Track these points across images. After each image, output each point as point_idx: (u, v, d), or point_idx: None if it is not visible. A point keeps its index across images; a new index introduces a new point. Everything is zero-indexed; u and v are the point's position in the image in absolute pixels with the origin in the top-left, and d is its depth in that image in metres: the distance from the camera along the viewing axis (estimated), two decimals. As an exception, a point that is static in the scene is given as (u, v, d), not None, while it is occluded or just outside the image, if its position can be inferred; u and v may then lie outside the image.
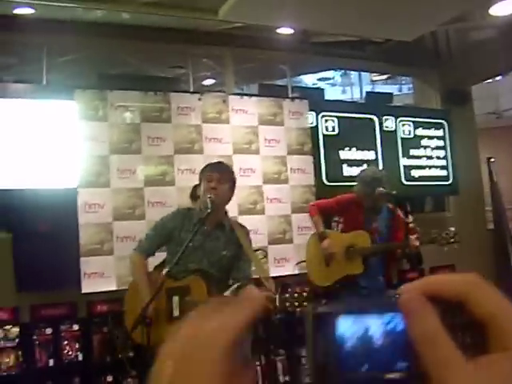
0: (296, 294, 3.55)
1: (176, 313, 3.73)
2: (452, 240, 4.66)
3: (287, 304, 3.52)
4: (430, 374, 0.51)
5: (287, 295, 3.54)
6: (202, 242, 3.78)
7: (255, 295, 0.58)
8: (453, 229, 4.72)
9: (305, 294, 3.57)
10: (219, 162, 4.07)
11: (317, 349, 0.53)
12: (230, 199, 3.93)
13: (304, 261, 5.36)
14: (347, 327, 0.53)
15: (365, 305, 0.55)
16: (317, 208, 5.09)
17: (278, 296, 3.53)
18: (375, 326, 0.53)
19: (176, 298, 3.73)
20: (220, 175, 3.80)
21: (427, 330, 0.51)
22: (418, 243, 4.69)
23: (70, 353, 5.07)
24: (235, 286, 3.86)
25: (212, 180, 3.78)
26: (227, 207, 3.98)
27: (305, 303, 3.52)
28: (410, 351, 0.51)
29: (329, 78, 14.49)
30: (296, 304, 3.53)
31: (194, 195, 4.71)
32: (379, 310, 0.53)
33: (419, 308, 0.52)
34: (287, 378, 5.77)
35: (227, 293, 3.90)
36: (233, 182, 3.92)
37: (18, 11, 5.66)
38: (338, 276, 4.89)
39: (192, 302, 3.71)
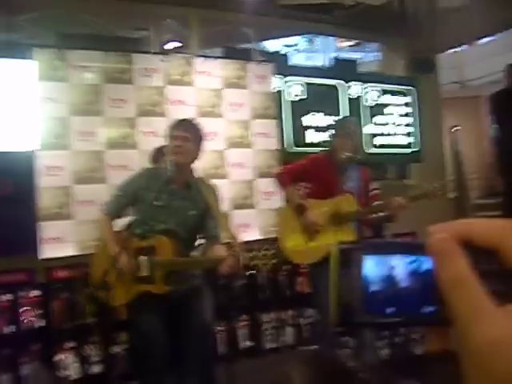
0: (263, 252, 3.51)
1: (144, 273, 3.67)
2: (440, 192, 4.42)
3: (254, 262, 3.49)
4: (456, 320, 0.47)
5: (253, 253, 3.51)
6: (168, 201, 3.73)
7: None
8: (441, 182, 4.58)
9: (272, 251, 3.53)
10: (185, 120, 3.99)
11: (342, 287, 0.51)
12: (196, 157, 3.85)
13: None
14: (372, 267, 0.51)
15: (390, 245, 0.52)
16: (288, 176, 4.59)
17: (244, 255, 3.49)
18: (400, 266, 0.50)
19: (144, 258, 3.67)
20: (185, 134, 3.73)
21: (456, 273, 0.48)
22: (404, 202, 4.32)
23: (30, 319, 4.97)
24: (203, 245, 3.83)
25: (177, 139, 3.72)
26: (195, 166, 3.92)
27: (272, 261, 3.48)
28: (438, 295, 0.48)
29: (294, 45, 14.35)
30: (264, 262, 3.50)
31: (155, 158, 4.62)
32: (404, 250, 0.51)
33: (449, 250, 0.48)
34: (249, 344, 5.77)
35: (194, 253, 3.87)
36: (199, 139, 3.85)
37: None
38: (325, 250, 4.26)
39: (158, 263, 3.66)
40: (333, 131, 4.75)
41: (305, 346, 5.78)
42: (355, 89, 7.28)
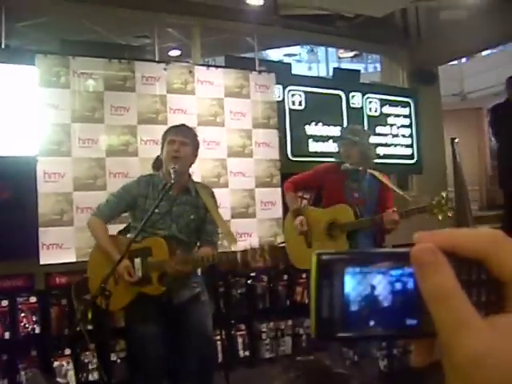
0: (258, 249, 3.55)
1: (139, 274, 3.67)
2: (444, 208, 4.20)
3: (249, 258, 3.52)
4: (439, 332, 0.45)
5: (249, 248, 3.55)
6: (168, 207, 3.72)
7: None
8: (444, 194, 4.28)
9: (266, 247, 3.56)
10: (181, 125, 4.00)
11: (321, 299, 0.48)
12: (193, 162, 3.89)
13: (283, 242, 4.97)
14: (353, 285, 0.48)
15: (372, 258, 0.49)
16: (292, 184, 4.77)
17: (239, 253, 3.54)
18: (381, 285, 0.48)
19: (138, 260, 3.67)
20: (182, 138, 3.75)
21: (441, 284, 0.46)
22: (396, 217, 4.28)
23: (27, 325, 4.95)
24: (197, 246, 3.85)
25: (175, 143, 3.73)
26: (191, 171, 3.94)
27: (267, 257, 3.52)
28: (421, 308, 0.46)
29: (295, 55, 14.41)
30: (258, 258, 3.53)
31: (156, 166, 4.63)
32: (386, 265, 0.48)
33: (433, 260, 0.46)
34: (247, 353, 5.75)
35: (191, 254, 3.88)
36: (196, 144, 3.87)
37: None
38: None
39: (154, 263, 3.66)
40: (339, 140, 4.75)
41: (303, 356, 5.77)
42: (357, 99, 7.30)
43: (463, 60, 12.63)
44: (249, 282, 5.78)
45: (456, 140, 8.56)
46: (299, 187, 4.77)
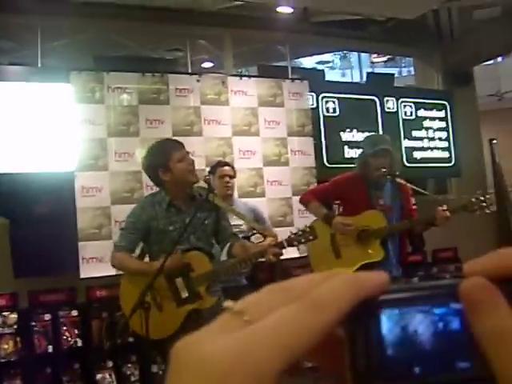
0: (301, 232, 3.54)
1: (184, 294, 3.56)
2: (484, 204, 4.18)
3: (295, 243, 3.59)
4: (500, 379, 0.39)
5: (292, 235, 3.55)
6: (182, 221, 3.57)
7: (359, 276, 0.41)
8: (479, 192, 4.30)
9: (309, 229, 3.56)
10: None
11: (356, 350, 0.41)
12: None
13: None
14: (390, 326, 0.41)
15: (414, 294, 0.42)
16: (313, 195, 4.55)
17: (283, 239, 3.62)
18: (424, 324, 0.41)
19: (180, 279, 3.58)
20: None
21: (497, 325, 0.39)
22: (448, 214, 4.08)
23: (70, 339, 5.01)
24: (227, 246, 3.75)
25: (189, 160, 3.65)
26: None
27: (311, 237, 3.51)
28: (474, 349, 0.40)
29: (328, 62, 14.37)
30: (303, 240, 3.52)
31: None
32: (428, 302, 0.42)
33: (488, 299, 0.40)
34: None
35: (223, 256, 3.80)
36: None
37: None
38: (353, 267, 4.12)
39: (198, 277, 3.58)
40: (364, 149, 4.58)
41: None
42: (391, 103, 7.24)
43: (499, 59, 12.45)
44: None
45: (494, 141, 8.45)
46: (320, 198, 4.48)
